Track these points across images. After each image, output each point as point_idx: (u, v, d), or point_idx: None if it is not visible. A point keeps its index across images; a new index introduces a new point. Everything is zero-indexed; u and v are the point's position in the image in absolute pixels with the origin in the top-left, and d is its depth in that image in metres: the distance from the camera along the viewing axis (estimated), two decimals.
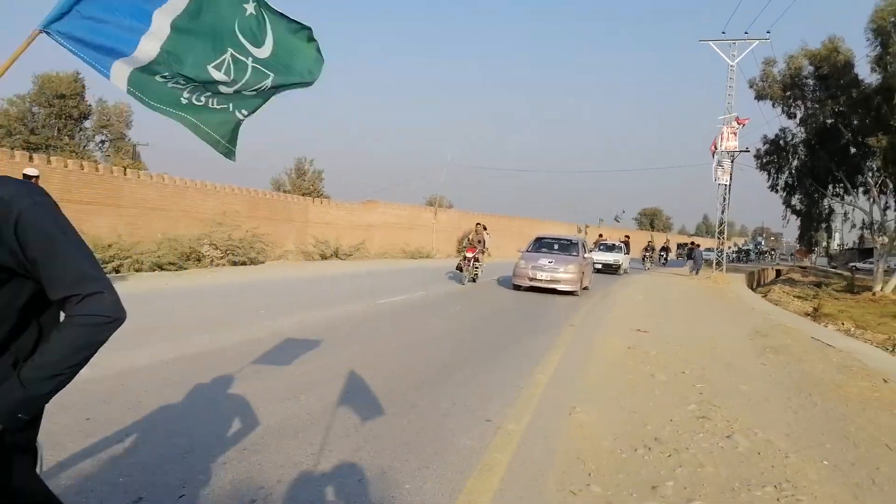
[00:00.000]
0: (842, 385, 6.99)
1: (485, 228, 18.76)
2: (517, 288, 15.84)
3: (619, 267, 27.79)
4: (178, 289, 13.00)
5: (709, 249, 48.80)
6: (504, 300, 14.22)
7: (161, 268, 17.94)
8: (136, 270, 17.30)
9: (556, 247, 17.09)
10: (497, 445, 4.33)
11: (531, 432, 4.68)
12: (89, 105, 39.07)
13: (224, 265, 21.41)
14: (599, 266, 25.88)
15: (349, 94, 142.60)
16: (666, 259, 42.10)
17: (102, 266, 13.69)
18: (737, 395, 6.26)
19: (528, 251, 16.92)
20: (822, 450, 4.73)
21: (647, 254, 35.88)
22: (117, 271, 16.74)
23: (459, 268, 17.94)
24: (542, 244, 17.43)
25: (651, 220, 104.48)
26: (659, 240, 50.39)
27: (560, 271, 15.18)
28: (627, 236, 32.92)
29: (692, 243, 39.96)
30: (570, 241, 17.54)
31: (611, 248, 29.49)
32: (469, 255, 17.74)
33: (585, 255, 16.80)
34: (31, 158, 18.47)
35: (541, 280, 15.19)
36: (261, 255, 23.93)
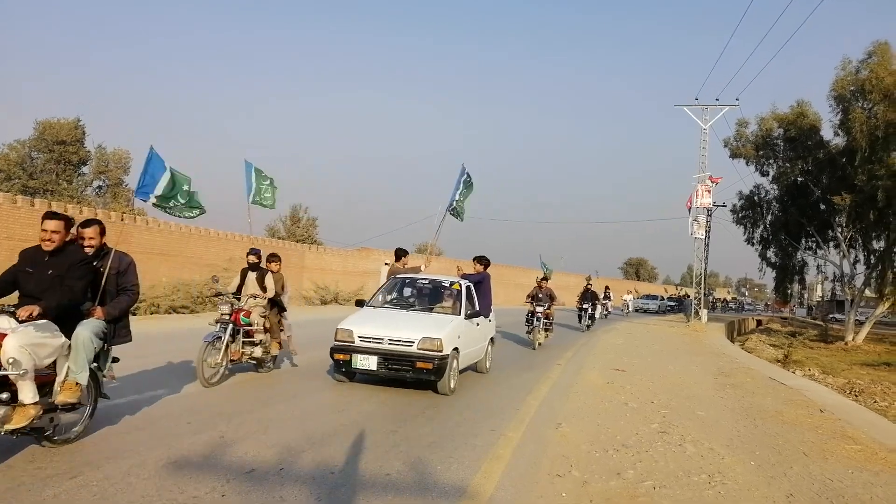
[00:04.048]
0: (782, 412, 8.37)
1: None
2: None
3: (436, 370, 7.66)
4: None
5: (650, 296, 51.20)
6: None
7: (175, 311, 19.13)
8: (152, 313, 18.47)
9: None
10: (501, 445, 5.66)
11: (527, 438, 6.02)
12: (88, 151, 40.35)
13: None
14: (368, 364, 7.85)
15: (344, 144, 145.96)
16: (608, 311, 32.14)
17: None
18: (694, 418, 7.61)
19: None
20: (752, 455, 6.08)
21: (586, 305, 22.52)
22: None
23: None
24: None
25: (637, 269, 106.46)
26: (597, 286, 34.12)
27: None
28: (483, 261, 11.16)
29: (686, 295, 41.47)
30: None
31: (435, 294, 9.67)
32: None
33: None
34: (32, 203, 19.43)
35: None
36: None
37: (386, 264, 11.31)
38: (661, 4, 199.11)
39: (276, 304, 9.16)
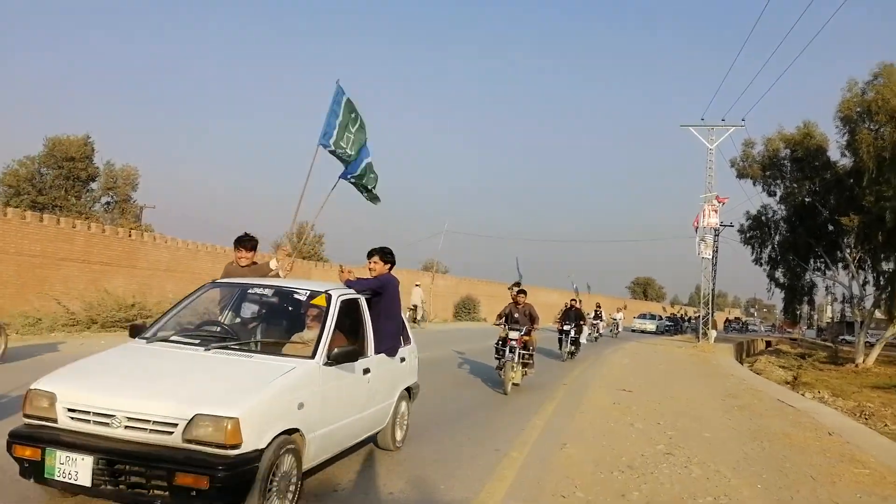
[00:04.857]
0: (790, 435, 8.29)
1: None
2: None
3: (222, 490, 3.40)
4: None
5: (649, 315, 49.66)
6: None
7: None
8: None
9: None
10: (504, 465, 5.64)
11: (531, 458, 5.98)
12: (97, 167, 40.68)
13: None
14: None
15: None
16: (598, 333, 28.59)
17: (127, 323, 14.27)
18: (700, 440, 7.55)
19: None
20: (759, 478, 6.01)
21: (567, 327, 17.27)
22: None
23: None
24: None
25: (644, 289, 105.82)
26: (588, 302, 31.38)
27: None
28: (387, 257, 5.95)
29: (684, 315, 41.45)
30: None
31: (287, 317, 5.49)
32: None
33: None
34: (41, 219, 19.54)
35: None
36: None
37: (417, 285, 8.22)
38: (668, 23, 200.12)
39: None
